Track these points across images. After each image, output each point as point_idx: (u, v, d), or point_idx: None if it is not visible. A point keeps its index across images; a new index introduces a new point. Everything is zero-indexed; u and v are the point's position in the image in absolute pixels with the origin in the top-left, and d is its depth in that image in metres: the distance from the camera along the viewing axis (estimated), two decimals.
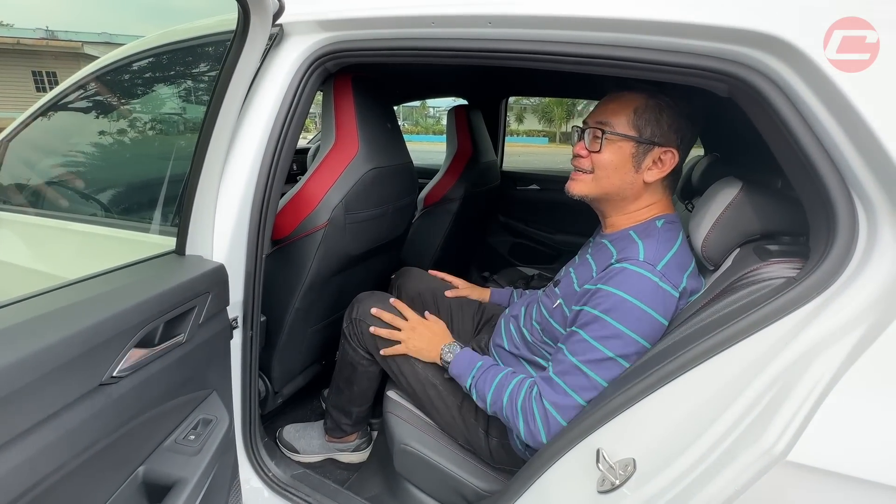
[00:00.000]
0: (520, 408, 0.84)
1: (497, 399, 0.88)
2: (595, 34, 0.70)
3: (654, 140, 0.82)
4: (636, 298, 0.76)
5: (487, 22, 0.76)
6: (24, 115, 1.37)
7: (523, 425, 0.82)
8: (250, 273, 0.93)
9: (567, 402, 0.79)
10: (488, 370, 0.93)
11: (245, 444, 1.05)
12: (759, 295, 0.63)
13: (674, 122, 0.81)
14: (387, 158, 1.20)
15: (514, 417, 0.84)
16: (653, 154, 0.82)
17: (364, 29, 0.87)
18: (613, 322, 0.76)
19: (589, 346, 0.78)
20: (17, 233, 1.31)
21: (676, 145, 0.82)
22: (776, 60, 0.60)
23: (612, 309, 0.77)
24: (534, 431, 0.81)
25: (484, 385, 0.90)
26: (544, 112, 32.56)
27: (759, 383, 0.55)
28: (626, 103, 0.83)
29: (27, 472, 0.45)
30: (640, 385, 0.67)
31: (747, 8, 0.59)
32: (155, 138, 1.54)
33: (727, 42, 0.62)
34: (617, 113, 0.83)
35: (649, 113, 0.81)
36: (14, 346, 0.44)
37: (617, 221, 0.90)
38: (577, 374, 0.79)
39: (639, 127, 0.81)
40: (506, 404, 0.86)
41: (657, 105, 0.81)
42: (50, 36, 19.96)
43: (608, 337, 0.77)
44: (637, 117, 0.81)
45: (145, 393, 0.61)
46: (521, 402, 0.84)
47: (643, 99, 0.82)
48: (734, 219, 0.80)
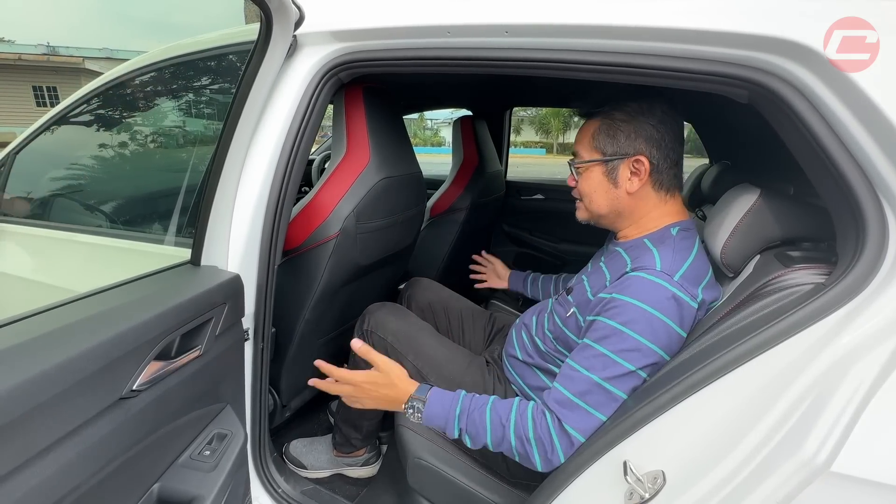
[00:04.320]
0: (534, 440, 0.75)
1: (500, 439, 0.78)
2: (614, 42, 0.70)
3: (618, 154, 0.84)
4: (655, 308, 0.74)
5: (504, 31, 0.76)
6: (32, 128, 1.37)
7: (539, 457, 0.75)
8: (262, 284, 0.91)
9: (592, 423, 0.75)
10: (472, 413, 0.80)
11: (254, 460, 1.02)
12: (786, 302, 0.62)
13: (632, 132, 0.83)
14: (397, 168, 1.20)
15: (528, 452, 0.76)
16: (625, 166, 0.84)
17: (378, 39, 0.87)
18: (633, 334, 0.74)
19: (609, 361, 0.75)
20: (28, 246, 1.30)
21: (644, 151, 0.83)
22: (798, 66, 0.60)
23: (630, 321, 0.75)
24: (552, 459, 0.75)
25: (477, 429, 0.79)
26: (541, 123, 32.90)
27: (793, 392, 0.54)
28: (586, 131, 0.89)
29: (47, 491, 0.43)
30: (666, 395, 0.65)
31: (767, 14, 0.59)
32: (164, 151, 1.54)
33: (748, 48, 0.62)
34: (581, 142, 0.90)
35: (604, 133, 0.85)
36: (36, 358, 0.43)
37: (628, 233, 0.91)
38: (598, 392, 0.75)
39: (600, 148, 0.86)
40: (514, 442, 0.77)
41: (609, 124, 0.84)
42: (51, 51, 20.13)
43: (628, 350, 0.74)
44: (595, 140, 0.86)
45: (163, 407, 0.60)
46: (534, 433, 0.76)
47: (597, 122, 0.86)
48: (754, 225, 0.79)
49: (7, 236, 1.33)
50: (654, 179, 0.85)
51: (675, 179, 0.87)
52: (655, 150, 0.83)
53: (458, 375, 1.03)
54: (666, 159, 0.84)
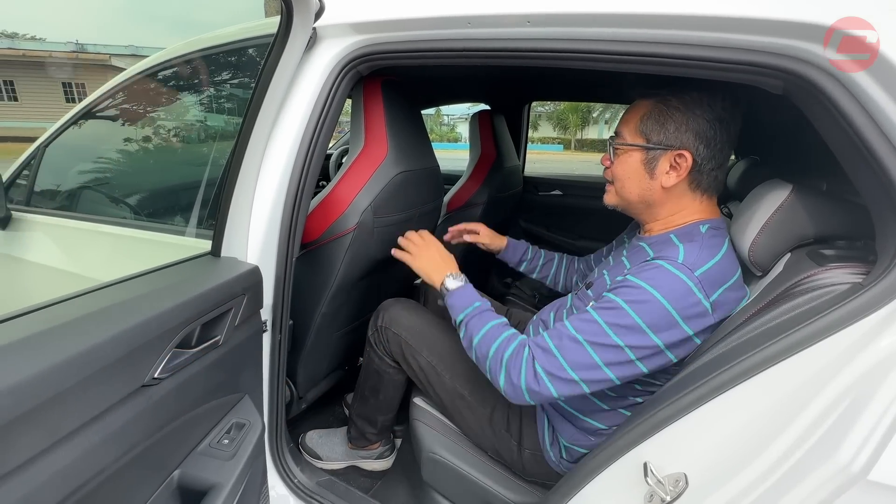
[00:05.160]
0: (504, 363, 0.80)
1: (483, 346, 0.84)
2: (640, 31, 0.68)
3: (663, 144, 0.79)
4: (665, 298, 0.72)
5: (526, 21, 0.75)
6: (60, 122, 1.41)
7: (504, 379, 0.79)
8: (280, 276, 0.92)
9: (563, 375, 0.74)
10: (484, 313, 0.89)
11: (271, 450, 1.04)
12: (821, 301, 0.59)
13: (683, 124, 0.78)
14: (415, 162, 1.20)
15: (496, 370, 0.81)
16: (666, 158, 0.79)
17: (398, 31, 0.86)
18: (633, 314, 0.72)
19: (599, 330, 0.74)
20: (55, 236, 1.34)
21: (691, 146, 0.78)
22: (837, 53, 0.57)
23: (636, 302, 0.73)
24: (516, 384, 0.77)
25: (474, 327, 0.87)
26: (559, 119, 32.49)
27: (826, 396, 0.52)
28: (635, 111, 0.83)
29: (73, 475, 0.44)
30: (690, 396, 0.63)
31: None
32: (186, 144, 1.57)
33: (784, 36, 0.59)
34: (627, 122, 0.84)
35: (654, 118, 0.80)
36: (62, 345, 0.44)
37: (654, 227, 0.87)
38: (576, 349, 0.75)
39: (645, 133, 0.81)
40: (491, 355, 0.82)
41: (662, 109, 0.79)
42: (80, 49, 20.73)
43: (622, 326, 0.73)
44: (643, 124, 0.81)
45: (183, 395, 0.61)
46: (507, 358, 0.80)
47: (650, 105, 0.81)
48: (784, 222, 0.76)
49: (37, 227, 1.37)
50: (692, 178, 0.80)
51: (714, 182, 0.82)
52: (703, 148, 0.78)
53: (473, 372, 1.02)
54: (711, 160, 0.79)
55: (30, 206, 1.43)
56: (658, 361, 0.75)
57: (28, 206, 1.44)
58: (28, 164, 1.45)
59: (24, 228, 1.37)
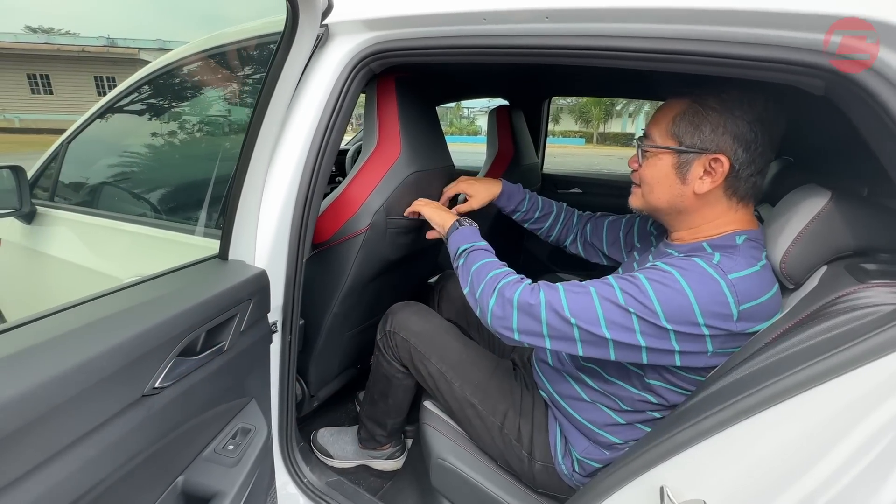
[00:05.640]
0: (499, 286, 0.79)
1: (482, 272, 0.84)
2: (668, 27, 0.63)
3: (697, 147, 0.73)
4: (693, 292, 0.67)
5: (545, 17, 0.71)
6: (82, 118, 1.43)
7: (495, 299, 0.78)
8: (290, 277, 0.91)
9: (560, 311, 0.72)
10: (489, 250, 0.91)
11: (281, 449, 1.04)
12: (861, 323, 0.54)
13: (720, 126, 0.71)
14: (428, 161, 1.17)
15: (486, 294, 0.80)
16: (700, 162, 0.73)
17: (411, 27, 0.84)
18: (650, 290, 0.68)
19: (611, 291, 0.71)
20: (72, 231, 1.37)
21: (728, 150, 0.71)
22: (889, 51, 0.51)
23: (658, 281, 0.69)
24: (507, 299, 0.76)
25: (476, 258, 0.88)
26: (581, 112, 31.88)
27: (867, 427, 0.48)
28: (668, 111, 0.77)
29: (67, 489, 0.44)
30: (712, 419, 0.59)
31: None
32: (204, 140, 1.58)
33: (826, 32, 0.54)
34: (658, 122, 0.78)
35: (688, 119, 0.73)
36: (55, 358, 0.43)
37: (683, 235, 0.81)
38: (582, 296, 0.72)
39: (678, 135, 0.75)
40: (487, 278, 0.82)
41: (697, 110, 0.73)
42: (111, 43, 21.36)
43: (633, 296, 0.69)
44: (675, 125, 0.75)
45: (186, 403, 0.60)
46: (505, 283, 0.79)
47: (684, 105, 0.74)
48: (822, 232, 0.71)
49: (59, 222, 1.40)
50: (728, 184, 0.74)
51: (752, 189, 0.76)
52: (742, 152, 0.71)
53: (484, 380, 1.00)
54: (750, 165, 0.72)
55: (53, 202, 1.47)
56: (660, 349, 0.70)
57: (51, 201, 1.47)
58: (52, 160, 1.49)
59: (47, 223, 1.40)
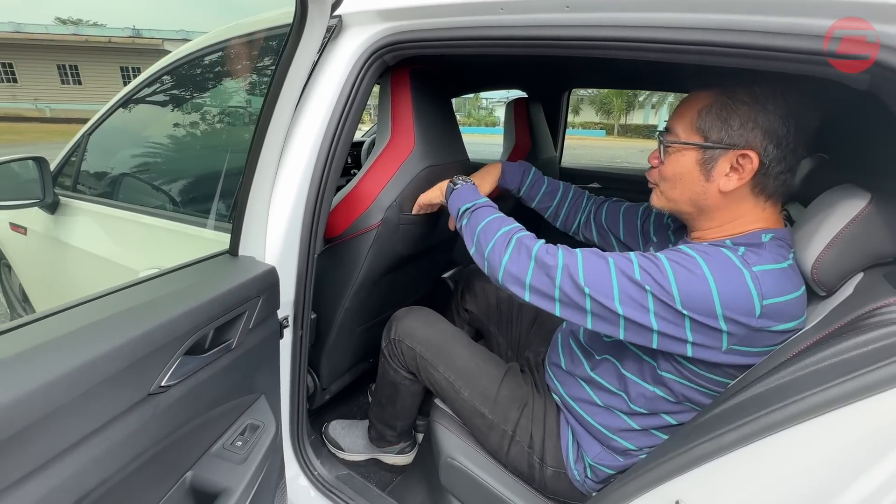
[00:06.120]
0: (514, 240, 0.78)
1: (493, 226, 0.82)
2: (696, 16, 0.59)
3: (724, 143, 0.69)
4: (714, 279, 0.63)
5: (565, 6, 0.67)
6: (102, 110, 1.45)
7: (509, 256, 0.76)
8: (302, 272, 0.91)
9: (575, 277, 0.69)
10: (492, 206, 0.90)
11: (292, 442, 1.04)
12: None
13: (750, 120, 0.67)
14: (442, 156, 1.15)
15: (500, 249, 0.78)
16: (727, 159, 0.69)
17: (426, 18, 0.81)
18: (670, 272, 0.65)
19: (628, 264, 0.68)
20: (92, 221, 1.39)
21: (758, 146, 0.67)
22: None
23: (679, 263, 0.66)
24: (522, 255, 0.75)
25: (484, 214, 0.87)
26: (602, 103, 31.21)
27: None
28: (693, 104, 0.72)
29: (73, 487, 0.44)
30: (733, 434, 0.56)
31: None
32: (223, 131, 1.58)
33: (876, 21, 0.50)
34: (682, 116, 0.73)
35: (715, 113, 0.69)
36: (60, 358, 0.43)
37: (705, 235, 0.77)
38: (599, 266, 0.70)
39: (703, 130, 0.70)
40: (500, 233, 0.80)
41: (726, 103, 0.68)
42: (136, 34, 21.76)
43: (650, 274, 0.66)
44: (701, 119, 0.70)
45: (193, 401, 0.60)
46: (519, 237, 0.78)
47: (712, 97, 0.70)
48: (860, 237, 0.66)
49: (80, 212, 1.43)
50: (756, 182, 0.70)
51: (782, 187, 0.71)
52: (773, 148, 0.67)
53: (493, 389, 0.97)
54: (781, 162, 0.68)
55: (74, 192, 1.50)
56: (673, 336, 0.67)
57: (73, 191, 1.50)
58: (74, 151, 1.52)
59: (69, 213, 1.43)
